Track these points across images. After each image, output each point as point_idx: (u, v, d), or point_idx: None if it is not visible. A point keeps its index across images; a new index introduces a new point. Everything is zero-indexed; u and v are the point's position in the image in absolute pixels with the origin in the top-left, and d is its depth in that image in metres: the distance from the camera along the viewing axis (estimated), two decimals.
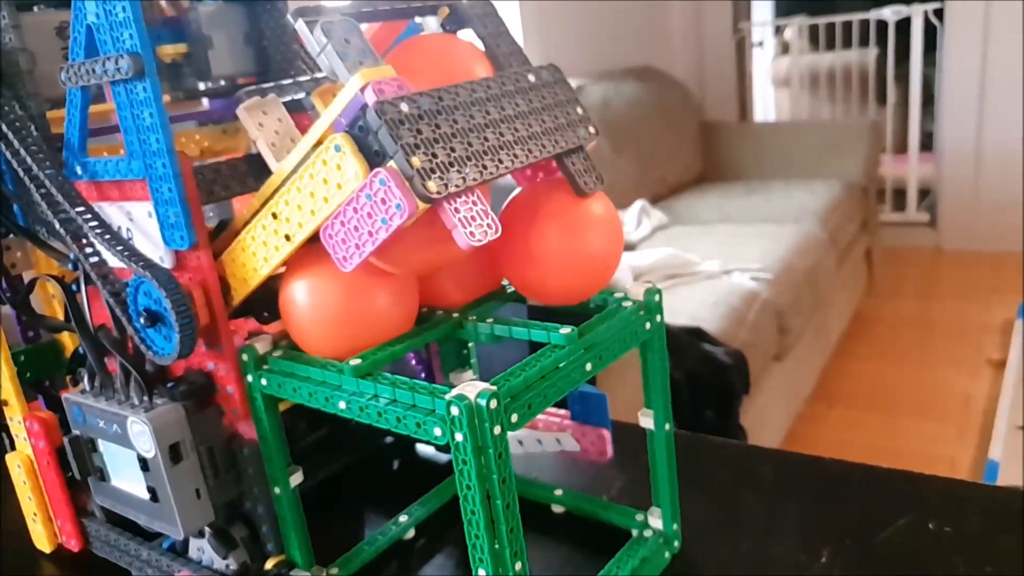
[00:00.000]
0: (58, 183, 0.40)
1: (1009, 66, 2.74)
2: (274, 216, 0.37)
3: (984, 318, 2.37)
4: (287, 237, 0.36)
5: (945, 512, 0.46)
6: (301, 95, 0.48)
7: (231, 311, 0.40)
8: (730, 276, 1.77)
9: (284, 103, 0.43)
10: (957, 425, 1.86)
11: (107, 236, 0.39)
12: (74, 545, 0.52)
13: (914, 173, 3.04)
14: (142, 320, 0.39)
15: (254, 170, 0.43)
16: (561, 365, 0.36)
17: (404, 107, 0.33)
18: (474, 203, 0.33)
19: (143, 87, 0.36)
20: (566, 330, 0.37)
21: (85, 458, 0.45)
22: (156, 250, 0.40)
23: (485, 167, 0.34)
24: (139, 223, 0.40)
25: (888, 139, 3.06)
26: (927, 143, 3.05)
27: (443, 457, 0.59)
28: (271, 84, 0.40)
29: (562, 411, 0.52)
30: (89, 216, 0.40)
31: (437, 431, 0.33)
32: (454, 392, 0.32)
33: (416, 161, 0.32)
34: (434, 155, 0.33)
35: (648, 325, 0.41)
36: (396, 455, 0.62)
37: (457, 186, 0.32)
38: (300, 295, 0.38)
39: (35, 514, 0.53)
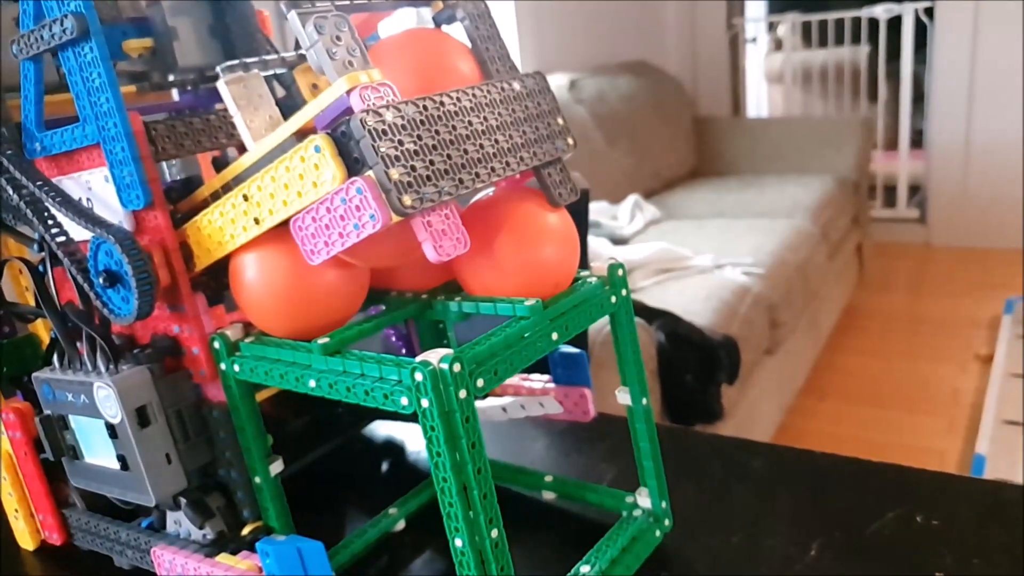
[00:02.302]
0: (16, 163, 0.41)
1: (998, 64, 2.75)
2: (245, 198, 0.37)
3: (972, 313, 2.38)
4: (256, 220, 0.37)
5: (934, 505, 0.46)
6: (283, 71, 0.48)
7: (193, 275, 0.41)
8: (722, 270, 1.77)
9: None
10: (945, 419, 1.87)
11: (65, 205, 0.40)
12: (56, 539, 0.51)
13: (904, 169, 3.06)
14: (101, 280, 0.39)
15: (226, 125, 0.43)
16: (527, 335, 0.37)
17: (388, 116, 0.33)
18: (446, 217, 0.34)
19: (89, 47, 0.37)
20: (530, 302, 0.37)
21: (58, 437, 0.45)
22: (115, 216, 0.40)
23: (462, 181, 0.35)
24: (97, 191, 0.41)
25: (879, 136, 3.07)
26: (917, 140, 3.07)
27: None
28: (254, 59, 0.40)
29: (544, 376, 0.52)
30: (48, 189, 0.40)
31: (404, 400, 0.33)
32: (418, 359, 0.33)
33: (394, 174, 0.32)
34: (413, 168, 0.33)
35: (613, 299, 0.42)
36: (386, 448, 0.62)
37: (432, 201, 0.33)
38: (247, 270, 0.38)
39: (16, 511, 0.52)
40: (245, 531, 0.43)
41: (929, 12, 2.86)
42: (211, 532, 0.43)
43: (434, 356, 0.32)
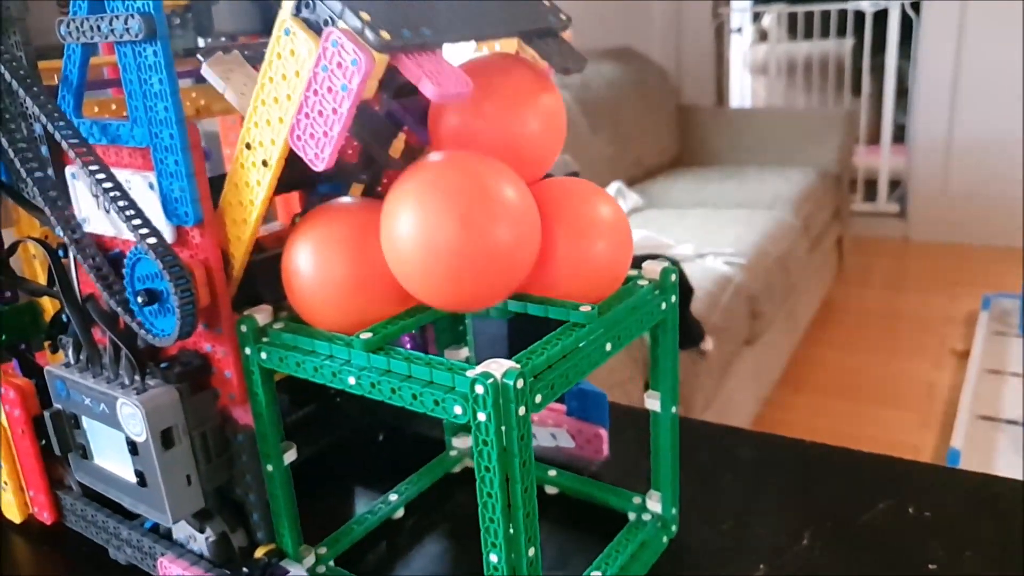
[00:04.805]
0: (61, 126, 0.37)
1: (982, 62, 2.78)
2: (248, 147, 0.35)
3: (949, 309, 2.41)
4: (264, 163, 0.35)
5: (925, 497, 0.47)
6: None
7: (234, 286, 0.38)
8: (704, 259, 1.78)
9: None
10: (920, 414, 1.89)
11: (117, 198, 0.36)
12: (47, 517, 0.50)
13: (886, 164, 3.09)
14: (140, 300, 0.37)
15: None
16: (582, 344, 0.35)
17: None
18: (438, 61, 0.32)
19: (153, 51, 0.34)
20: (586, 308, 0.35)
21: (67, 434, 0.43)
22: (155, 224, 0.37)
23: (443, 31, 0.33)
24: (137, 193, 0.38)
25: (862, 130, 3.09)
26: (899, 135, 3.09)
27: (434, 435, 0.58)
28: (236, 43, 0.39)
29: (559, 405, 0.51)
30: (99, 171, 0.37)
31: (458, 409, 0.31)
32: (478, 370, 0.31)
33: (366, 16, 0.31)
34: (388, 18, 0.31)
35: (663, 305, 0.40)
36: (385, 433, 0.61)
37: (412, 41, 0.31)
38: (305, 263, 0.36)
39: (5, 483, 0.50)
40: (258, 553, 0.42)
41: (916, 7, 2.87)
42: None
43: (497, 368, 0.30)
